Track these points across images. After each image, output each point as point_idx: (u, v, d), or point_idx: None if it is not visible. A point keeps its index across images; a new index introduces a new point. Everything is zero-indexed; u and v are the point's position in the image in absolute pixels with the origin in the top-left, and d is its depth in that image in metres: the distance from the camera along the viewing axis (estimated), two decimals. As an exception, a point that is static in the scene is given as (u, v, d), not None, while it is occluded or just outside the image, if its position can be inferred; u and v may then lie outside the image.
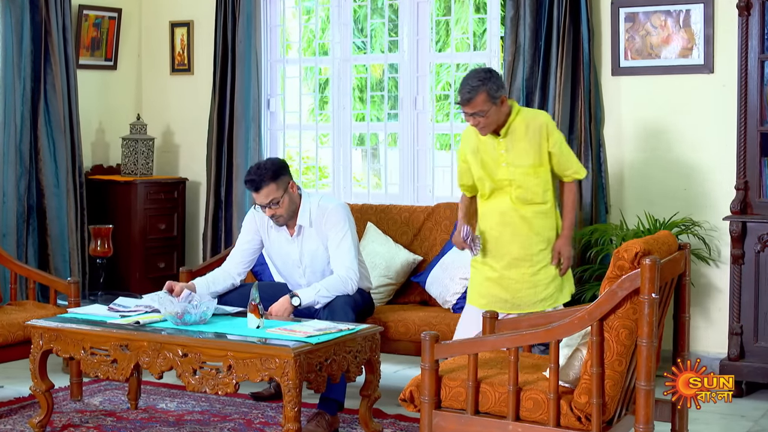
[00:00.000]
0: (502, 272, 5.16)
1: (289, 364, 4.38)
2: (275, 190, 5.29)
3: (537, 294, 5.14)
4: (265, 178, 5.28)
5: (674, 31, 6.21)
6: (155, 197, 7.41)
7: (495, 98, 4.97)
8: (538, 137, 5.07)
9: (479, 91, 4.94)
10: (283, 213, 5.35)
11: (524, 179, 5.08)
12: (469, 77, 5.02)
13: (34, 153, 6.95)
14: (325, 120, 7.57)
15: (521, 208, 5.11)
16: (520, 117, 5.10)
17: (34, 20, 6.88)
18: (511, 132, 5.09)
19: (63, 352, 4.94)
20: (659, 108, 6.29)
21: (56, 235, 6.99)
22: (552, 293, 5.17)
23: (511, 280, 5.15)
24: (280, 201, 5.31)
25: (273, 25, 7.55)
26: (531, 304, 5.13)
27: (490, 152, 5.14)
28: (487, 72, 5.03)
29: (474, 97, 4.95)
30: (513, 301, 5.15)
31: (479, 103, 4.95)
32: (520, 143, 5.09)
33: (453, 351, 4.16)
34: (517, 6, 6.48)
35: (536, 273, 5.14)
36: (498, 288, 5.18)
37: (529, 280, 5.13)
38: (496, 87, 4.98)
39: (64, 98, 7.02)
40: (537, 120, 5.11)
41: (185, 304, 4.87)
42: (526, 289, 5.14)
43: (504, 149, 5.10)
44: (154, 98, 7.92)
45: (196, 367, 4.60)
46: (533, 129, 5.08)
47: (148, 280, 7.33)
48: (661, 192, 6.26)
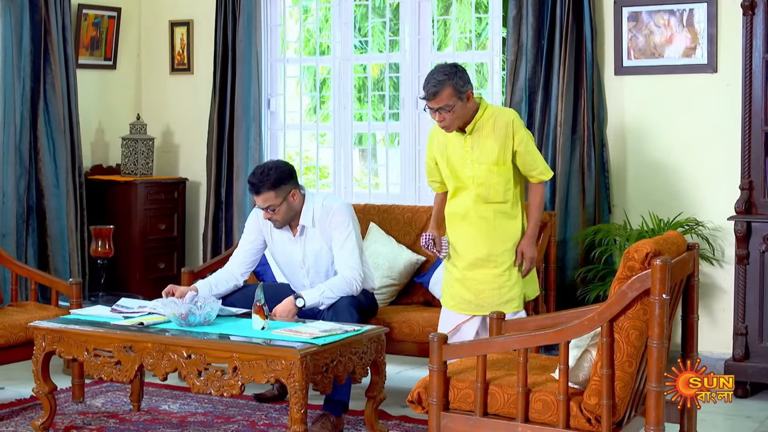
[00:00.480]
0: (465, 273, 5.09)
1: (295, 366, 4.35)
2: (273, 197, 5.28)
3: (501, 295, 5.05)
4: (266, 184, 5.26)
5: (678, 31, 6.19)
6: (155, 197, 7.36)
7: (461, 93, 4.88)
8: (503, 134, 4.99)
9: (445, 85, 4.85)
10: (279, 219, 5.34)
11: (487, 177, 5.01)
12: (435, 72, 4.94)
13: (34, 153, 6.90)
14: (325, 120, 7.54)
15: (482, 206, 5.04)
16: (487, 114, 5.02)
17: (34, 20, 6.84)
18: (478, 129, 5.02)
19: (66, 353, 4.91)
20: (662, 108, 6.27)
21: (56, 235, 6.95)
22: (517, 295, 5.08)
23: (475, 281, 5.07)
24: (277, 209, 5.30)
25: (273, 25, 7.51)
26: (495, 305, 4.99)
27: (456, 150, 5.07)
28: (453, 67, 4.94)
29: (440, 91, 4.86)
30: (477, 302, 5.07)
31: (445, 97, 4.86)
32: (486, 140, 5.00)
33: (461, 352, 4.13)
34: (520, 5, 6.45)
35: (500, 274, 5.05)
36: (463, 289, 5.11)
37: (493, 281, 5.04)
38: (463, 82, 4.90)
39: (63, 98, 6.97)
40: (504, 117, 5.02)
41: (189, 305, 4.83)
42: (490, 290, 5.05)
43: (470, 146, 5.03)
44: (153, 98, 7.88)
45: (201, 369, 4.57)
46: (500, 126, 4.99)
47: (148, 280, 7.29)
48: (664, 192, 6.24)
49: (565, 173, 6.31)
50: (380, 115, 7.46)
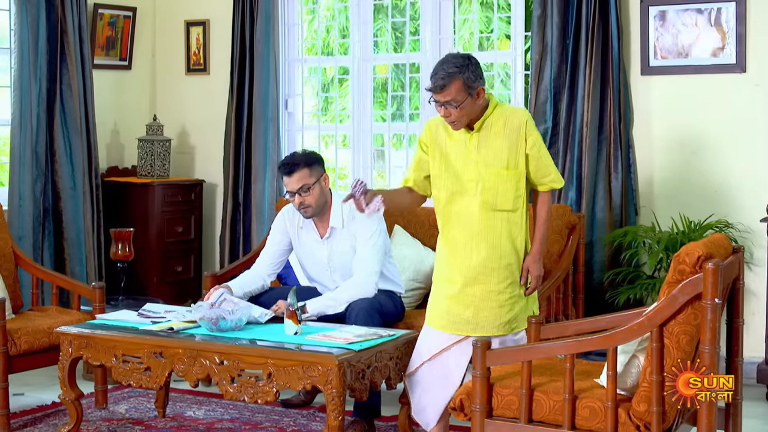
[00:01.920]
0: (463, 288, 4.53)
1: (332, 372, 4.26)
2: (308, 175, 5.23)
3: (501, 315, 4.53)
4: (300, 162, 5.25)
5: (705, 30, 6.11)
6: (172, 199, 7.26)
7: (471, 88, 4.39)
8: (515, 136, 4.48)
9: (455, 77, 4.36)
10: (311, 203, 5.25)
11: (494, 181, 4.48)
12: (445, 62, 4.43)
13: (50, 155, 6.80)
14: (345, 120, 7.45)
15: (490, 214, 4.50)
16: (498, 112, 4.52)
17: (50, 19, 6.73)
18: (486, 127, 4.50)
19: (93, 359, 4.82)
20: (690, 108, 6.19)
21: (73, 238, 6.84)
22: (517, 315, 4.56)
23: (475, 297, 4.52)
24: (311, 188, 5.23)
25: (290, 24, 7.42)
26: (495, 326, 4.52)
27: (457, 148, 4.54)
28: (466, 58, 4.44)
29: (448, 84, 4.36)
30: (475, 321, 4.53)
31: (453, 91, 4.37)
32: (495, 141, 4.49)
33: (506, 358, 4.05)
34: (544, 5, 6.37)
35: (502, 291, 4.53)
36: (459, 306, 4.54)
37: (495, 299, 4.52)
38: (474, 77, 4.40)
39: (80, 99, 6.87)
40: (516, 117, 4.52)
41: (220, 310, 4.74)
42: (490, 309, 4.52)
43: (475, 145, 4.50)
44: (169, 99, 7.78)
45: (234, 375, 4.48)
46: (511, 126, 4.49)
47: (166, 284, 7.19)
48: (692, 193, 6.16)
49: (592, 174, 6.23)
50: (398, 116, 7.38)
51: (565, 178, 6.28)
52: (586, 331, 4.49)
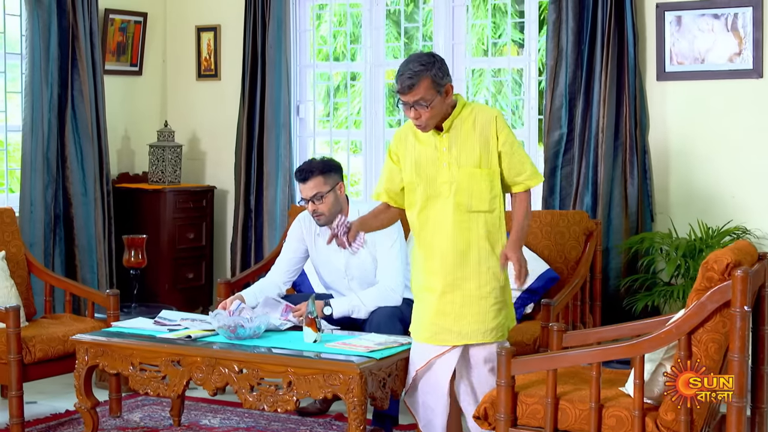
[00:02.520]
0: (442, 296, 4.33)
1: (354, 381, 4.22)
2: (322, 183, 5.20)
3: (486, 323, 4.31)
4: (315, 169, 5.22)
5: (722, 35, 6.06)
6: (183, 206, 7.20)
7: (440, 86, 4.22)
8: (486, 133, 4.30)
9: (422, 76, 4.18)
10: (325, 211, 5.22)
11: (468, 182, 4.30)
12: (410, 61, 4.25)
13: (61, 161, 6.74)
14: (356, 126, 7.41)
15: (465, 216, 4.31)
16: (466, 110, 4.35)
17: (62, 25, 6.68)
18: (456, 127, 4.33)
19: (110, 367, 4.77)
20: (706, 114, 6.14)
21: (84, 245, 6.79)
22: (501, 323, 4.36)
23: (455, 305, 4.32)
24: (324, 197, 5.19)
25: (302, 30, 7.38)
26: (479, 334, 4.31)
27: (428, 152, 4.36)
28: (431, 56, 4.29)
29: (417, 83, 4.18)
30: (458, 329, 4.32)
31: (422, 90, 4.18)
32: (466, 140, 4.32)
33: (531, 366, 4.01)
34: (559, 10, 6.32)
35: (485, 296, 4.32)
36: (439, 315, 4.33)
37: (476, 305, 4.31)
38: (442, 74, 4.23)
39: (91, 104, 6.81)
40: (485, 114, 4.34)
41: (239, 317, 4.70)
42: (472, 315, 4.31)
43: (446, 146, 4.33)
44: (179, 104, 7.73)
45: (253, 384, 4.44)
46: (481, 124, 4.31)
47: (177, 291, 7.13)
48: (708, 199, 6.11)
49: (608, 180, 6.18)
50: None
51: (581, 185, 6.24)
52: (608, 338, 4.46)
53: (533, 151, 6.57)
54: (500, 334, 4.36)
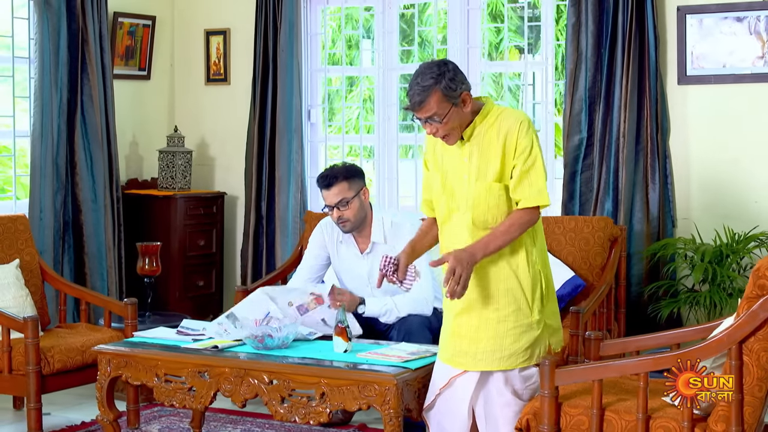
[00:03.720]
0: (458, 317, 4.07)
1: (391, 392, 4.10)
2: (347, 189, 5.09)
3: (503, 347, 4.00)
4: (339, 175, 5.12)
5: (745, 39, 5.99)
6: (194, 212, 7.07)
7: (454, 97, 3.89)
8: (508, 142, 3.95)
9: (431, 90, 3.87)
10: (350, 217, 5.11)
11: (485, 196, 3.98)
12: (419, 74, 3.93)
13: (71, 167, 6.61)
14: (369, 131, 7.31)
15: (479, 234, 3.99)
16: (491, 117, 4.00)
17: (71, 28, 6.55)
18: (479, 135, 4.00)
19: (134, 379, 4.64)
20: (728, 118, 6.07)
21: (93, 252, 6.66)
22: (524, 347, 4.02)
23: (470, 327, 4.04)
24: (350, 202, 5.09)
25: (313, 33, 7.27)
26: (494, 359, 4.01)
27: (453, 162, 4.07)
28: (441, 66, 3.94)
29: (425, 98, 3.88)
30: (473, 353, 4.03)
31: (433, 105, 3.88)
32: (488, 150, 3.99)
33: (576, 377, 3.91)
34: (578, 12, 6.24)
35: (503, 319, 4.01)
36: (455, 336, 4.08)
37: (493, 328, 4.01)
38: (454, 84, 3.89)
39: (101, 109, 6.69)
40: (507, 120, 3.98)
41: (267, 327, 4.58)
42: (488, 339, 4.01)
43: (467, 157, 4.02)
44: (188, 109, 7.60)
45: (284, 395, 4.32)
46: (505, 131, 3.96)
47: (188, 299, 7.01)
48: (731, 205, 6.03)
49: (629, 186, 6.10)
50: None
51: (601, 190, 6.15)
52: (647, 347, 4.37)
53: (548, 156, 6.43)
54: (522, 360, 4.02)
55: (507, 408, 4.08)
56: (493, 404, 4.11)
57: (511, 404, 4.08)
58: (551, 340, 4.12)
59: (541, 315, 4.07)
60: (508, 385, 4.07)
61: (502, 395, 4.09)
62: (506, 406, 4.09)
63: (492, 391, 4.10)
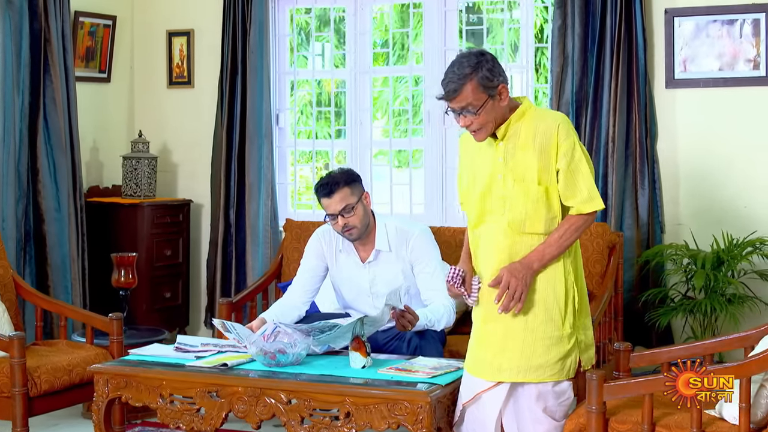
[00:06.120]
0: (484, 325, 3.92)
1: (424, 410, 3.88)
2: (350, 194, 4.83)
3: (530, 358, 3.84)
4: (340, 181, 4.84)
5: (734, 42, 5.92)
6: (161, 221, 6.75)
7: (491, 88, 3.74)
8: (547, 144, 3.80)
9: (468, 79, 3.72)
10: (357, 224, 4.86)
11: (524, 199, 3.83)
12: (456, 63, 3.79)
13: (33, 174, 6.25)
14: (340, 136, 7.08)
15: (514, 239, 3.85)
16: (529, 116, 3.86)
17: (33, 28, 6.19)
18: (514, 135, 3.85)
19: (135, 400, 4.35)
20: (717, 122, 5.99)
21: (57, 264, 6.30)
22: (554, 360, 3.85)
23: (496, 335, 3.87)
24: (354, 208, 4.83)
25: (281, 35, 7.01)
26: (519, 371, 3.85)
27: (485, 161, 3.92)
28: (479, 55, 3.79)
29: (460, 87, 3.73)
30: (497, 364, 3.87)
31: (469, 94, 3.73)
32: (524, 151, 3.83)
33: (625, 391, 3.74)
34: (564, 15, 6.11)
35: (532, 329, 3.85)
36: (481, 346, 3.93)
37: (520, 338, 3.85)
38: (492, 75, 3.75)
39: (64, 113, 6.33)
40: (547, 120, 3.84)
41: (279, 343, 4.32)
42: (513, 350, 3.85)
43: (502, 157, 3.86)
44: (149, 114, 7.26)
45: (305, 415, 4.07)
46: (543, 132, 3.81)
47: (155, 312, 6.69)
48: (720, 210, 5.95)
49: (620, 192, 5.99)
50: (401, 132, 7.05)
51: (590, 196, 6.02)
52: (680, 357, 4.22)
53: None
54: (550, 373, 3.84)
55: (538, 425, 3.92)
56: (524, 420, 3.94)
57: (542, 421, 3.91)
58: (582, 356, 3.95)
59: (573, 329, 3.91)
60: (540, 401, 3.90)
61: (533, 411, 3.92)
62: (537, 423, 3.92)
63: (523, 407, 3.94)
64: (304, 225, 6.12)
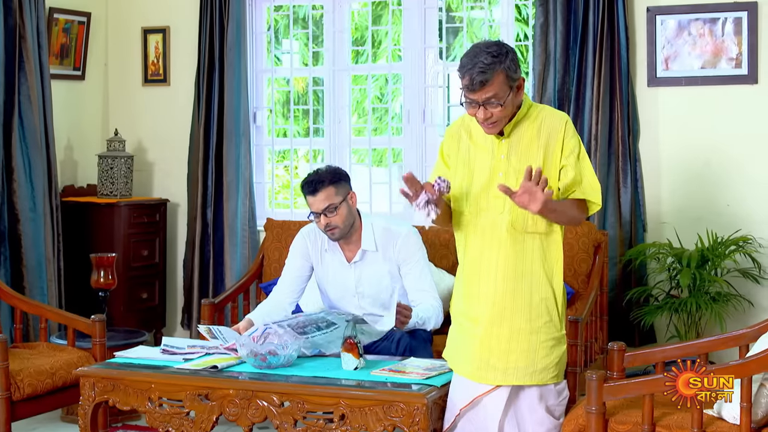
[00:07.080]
0: (489, 327, 3.83)
1: (420, 412, 3.84)
2: (334, 194, 4.77)
3: (535, 361, 3.81)
4: (325, 179, 4.78)
5: (715, 41, 5.92)
6: (137, 221, 6.64)
7: (513, 80, 3.66)
8: (552, 141, 3.76)
9: (497, 69, 3.60)
10: (339, 224, 4.80)
11: None
12: (478, 52, 3.63)
13: (8, 173, 6.13)
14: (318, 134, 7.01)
15: (518, 237, 3.80)
16: (533, 113, 3.81)
17: (8, 24, 6.07)
18: (518, 132, 3.79)
19: (123, 403, 4.27)
20: (699, 120, 5.99)
21: (33, 265, 6.17)
22: (555, 362, 3.85)
23: (501, 338, 3.82)
24: (338, 208, 4.78)
25: (258, 32, 6.93)
26: (526, 374, 3.82)
27: (482, 157, 3.84)
28: (501, 46, 3.68)
29: (491, 77, 3.60)
30: (503, 367, 3.82)
31: (496, 86, 3.61)
32: (528, 148, 3.78)
33: (626, 392, 3.71)
34: (546, 12, 6.08)
35: (535, 330, 3.82)
36: (484, 349, 3.84)
37: (525, 340, 3.81)
38: (515, 66, 3.66)
39: (39, 111, 6.21)
40: (554, 119, 3.79)
41: (270, 344, 4.25)
42: (519, 352, 3.81)
43: (504, 153, 3.79)
44: (124, 112, 7.15)
45: (298, 418, 4.01)
46: (548, 130, 3.77)
47: (132, 313, 6.58)
48: (702, 208, 5.95)
49: (603, 190, 5.95)
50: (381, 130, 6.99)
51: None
52: (674, 357, 4.21)
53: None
54: (553, 375, 3.84)
55: (540, 426, 3.89)
56: (525, 421, 3.90)
57: (544, 422, 3.89)
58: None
59: (564, 329, 3.93)
60: (542, 401, 3.89)
61: (535, 412, 3.89)
62: (539, 424, 3.89)
63: (523, 408, 3.90)
64: (285, 225, 6.05)
